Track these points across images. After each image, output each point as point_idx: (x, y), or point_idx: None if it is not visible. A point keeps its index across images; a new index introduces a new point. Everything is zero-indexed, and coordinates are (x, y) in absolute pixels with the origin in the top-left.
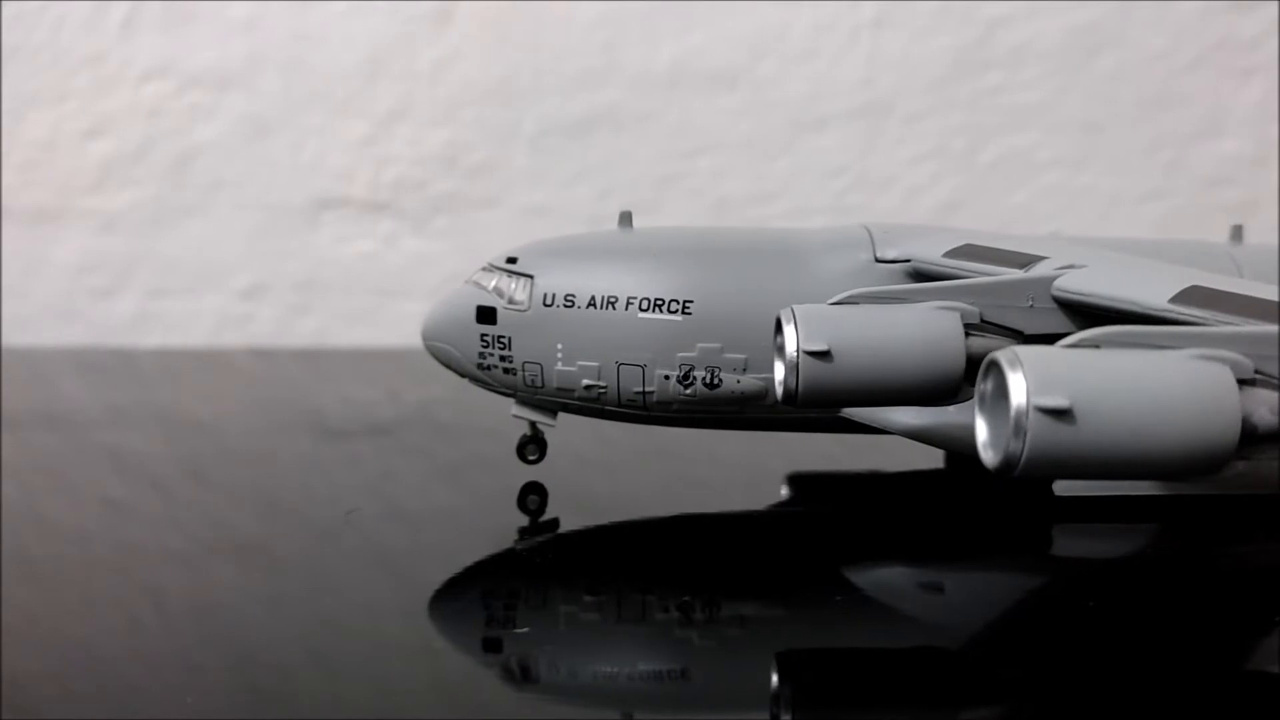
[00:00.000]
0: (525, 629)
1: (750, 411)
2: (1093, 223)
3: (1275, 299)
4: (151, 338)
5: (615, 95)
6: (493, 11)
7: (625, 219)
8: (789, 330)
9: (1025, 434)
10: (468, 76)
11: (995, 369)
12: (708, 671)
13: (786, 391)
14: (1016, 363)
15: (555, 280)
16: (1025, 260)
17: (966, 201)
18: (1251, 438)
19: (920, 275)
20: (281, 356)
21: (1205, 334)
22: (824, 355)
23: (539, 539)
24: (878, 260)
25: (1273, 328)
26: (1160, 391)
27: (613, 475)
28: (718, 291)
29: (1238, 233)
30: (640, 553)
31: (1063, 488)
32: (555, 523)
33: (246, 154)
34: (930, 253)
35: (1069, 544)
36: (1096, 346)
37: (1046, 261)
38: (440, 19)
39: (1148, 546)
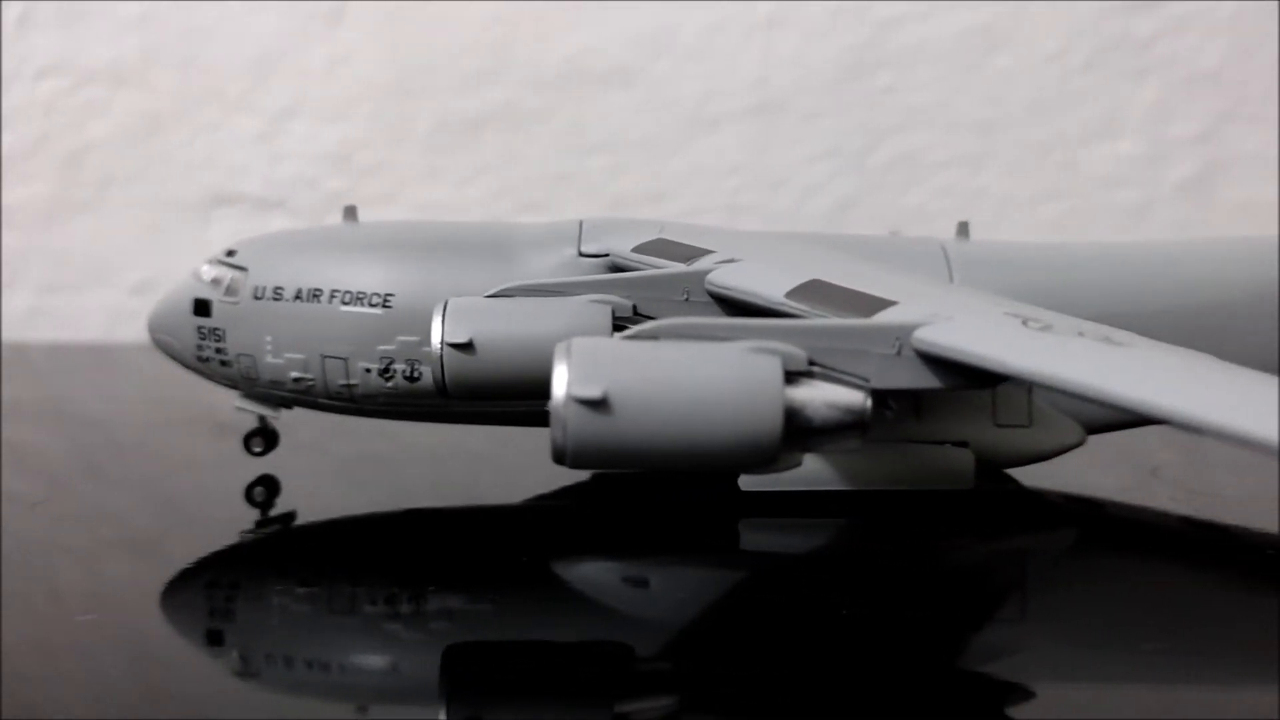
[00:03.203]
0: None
1: (455, 405)
2: (987, 223)
3: (879, 294)
4: (44, 333)
5: (509, 93)
6: (386, 9)
7: (350, 213)
8: (435, 322)
9: (565, 424)
10: (361, 74)
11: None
12: (414, 664)
13: (435, 383)
14: (565, 354)
15: (267, 274)
16: (695, 255)
17: (861, 201)
18: (806, 430)
19: (617, 268)
20: None
21: (767, 326)
22: (466, 347)
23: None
24: (581, 255)
25: (836, 321)
26: (700, 383)
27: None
28: (419, 285)
29: (964, 229)
30: (366, 547)
31: (747, 483)
32: (292, 515)
33: (140, 150)
34: (624, 247)
35: (756, 539)
36: (655, 338)
37: (710, 256)
38: (333, 17)
39: (829, 542)
